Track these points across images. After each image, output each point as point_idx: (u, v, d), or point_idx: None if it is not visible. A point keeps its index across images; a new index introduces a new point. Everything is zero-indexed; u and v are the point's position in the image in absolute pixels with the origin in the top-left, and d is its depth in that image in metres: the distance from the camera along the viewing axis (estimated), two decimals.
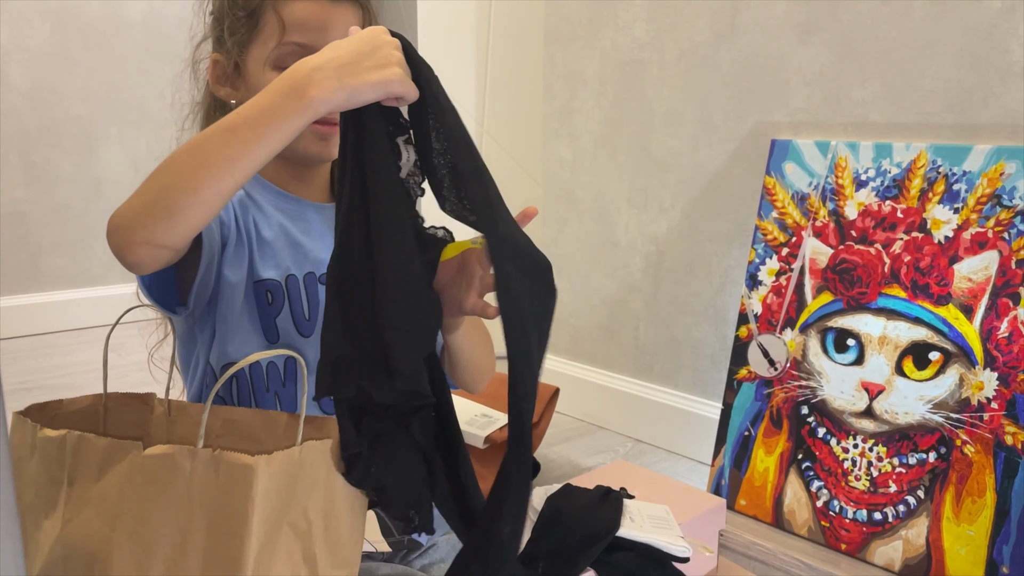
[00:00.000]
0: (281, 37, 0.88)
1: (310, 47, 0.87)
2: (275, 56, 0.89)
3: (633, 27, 1.70)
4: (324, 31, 0.88)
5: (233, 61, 0.91)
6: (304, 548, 0.69)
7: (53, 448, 0.69)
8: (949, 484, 1.18)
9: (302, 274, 0.93)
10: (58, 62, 2.48)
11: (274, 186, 0.94)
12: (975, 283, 1.19)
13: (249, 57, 0.91)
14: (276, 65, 0.89)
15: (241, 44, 0.90)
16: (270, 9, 0.89)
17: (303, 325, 0.93)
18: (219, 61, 0.93)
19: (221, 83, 0.94)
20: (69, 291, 2.57)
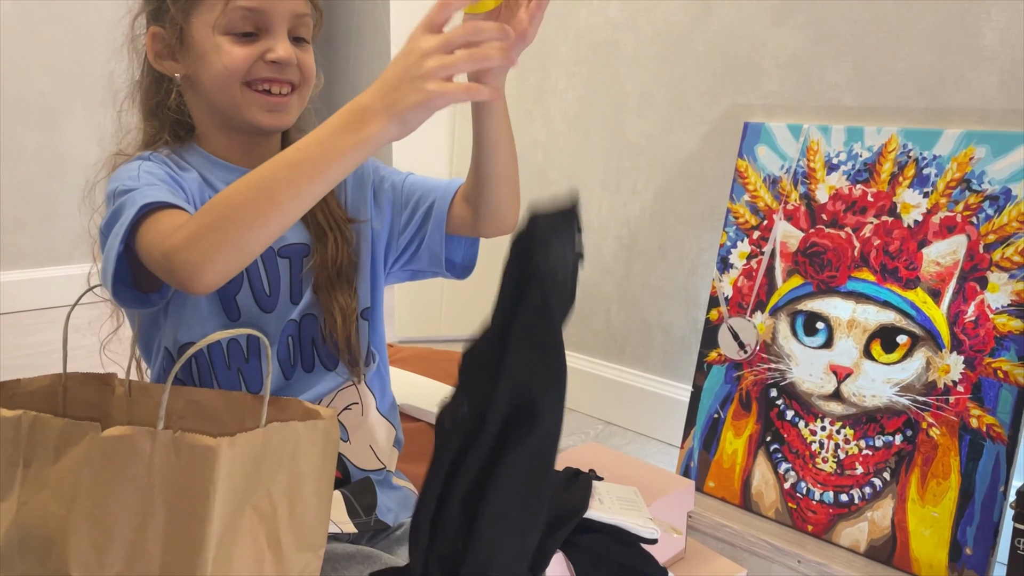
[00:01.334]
0: (228, 2, 0.85)
1: (258, 10, 0.86)
2: (225, 22, 0.85)
3: (607, 7, 1.69)
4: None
5: (177, 31, 0.87)
6: (268, 531, 0.68)
7: (8, 429, 0.67)
8: (915, 466, 1.19)
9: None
10: (20, 34, 2.41)
11: (225, 162, 0.92)
12: (943, 267, 1.20)
13: (193, 25, 0.87)
14: (227, 31, 0.86)
15: (185, 11, 0.87)
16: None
17: (264, 301, 0.92)
18: (159, 33, 0.89)
19: (163, 57, 0.90)
20: (32, 270, 2.52)
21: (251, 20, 0.86)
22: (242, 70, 0.86)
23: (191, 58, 0.88)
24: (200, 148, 0.93)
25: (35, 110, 2.48)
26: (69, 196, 2.57)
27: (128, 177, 0.84)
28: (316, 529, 0.73)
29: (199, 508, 0.63)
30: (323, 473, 0.73)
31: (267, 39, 0.87)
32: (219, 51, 0.86)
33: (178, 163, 0.90)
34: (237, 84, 0.87)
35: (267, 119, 0.89)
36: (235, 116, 0.89)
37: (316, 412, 0.75)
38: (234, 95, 0.87)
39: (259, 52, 0.87)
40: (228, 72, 0.86)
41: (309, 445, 0.70)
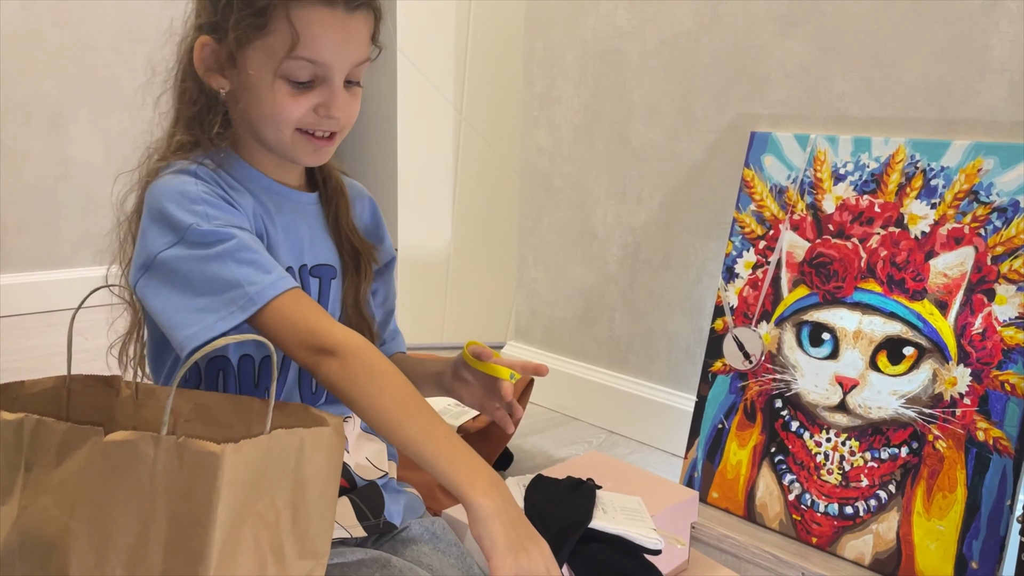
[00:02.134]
0: (291, 50, 0.82)
1: (321, 63, 0.84)
2: (284, 69, 0.83)
3: (614, 16, 1.69)
4: (338, 47, 0.84)
5: (231, 50, 0.85)
6: (271, 538, 0.68)
7: (10, 432, 0.67)
8: (920, 479, 1.19)
9: (297, 267, 0.92)
10: (27, 38, 2.42)
11: (267, 177, 0.91)
12: (950, 279, 1.20)
13: (250, 56, 0.84)
14: (286, 77, 0.84)
15: (245, 40, 0.84)
16: (282, 14, 0.82)
17: None
18: (210, 46, 0.87)
19: (211, 70, 0.88)
20: (35, 273, 2.52)
21: (312, 70, 0.84)
22: (295, 118, 0.85)
23: (240, 82, 0.86)
24: (240, 158, 0.91)
25: (41, 113, 2.48)
26: (73, 199, 2.57)
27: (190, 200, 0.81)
28: (320, 537, 0.72)
29: (202, 515, 0.62)
30: (327, 480, 0.73)
31: (323, 88, 0.86)
32: (273, 94, 0.84)
33: (227, 182, 0.88)
34: (288, 129, 0.86)
35: (310, 159, 0.89)
36: (277, 150, 0.89)
37: (322, 419, 0.75)
38: (282, 136, 0.87)
39: (314, 103, 0.86)
40: (281, 118, 0.85)
41: (314, 452, 0.70)
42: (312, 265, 0.94)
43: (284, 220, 0.92)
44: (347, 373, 0.79)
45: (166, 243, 0.81)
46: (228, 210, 0.83)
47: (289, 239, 0.91)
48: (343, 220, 0.97)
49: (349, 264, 0.97)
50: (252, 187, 0.90)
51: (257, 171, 0.91)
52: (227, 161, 0.90)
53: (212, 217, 0.81)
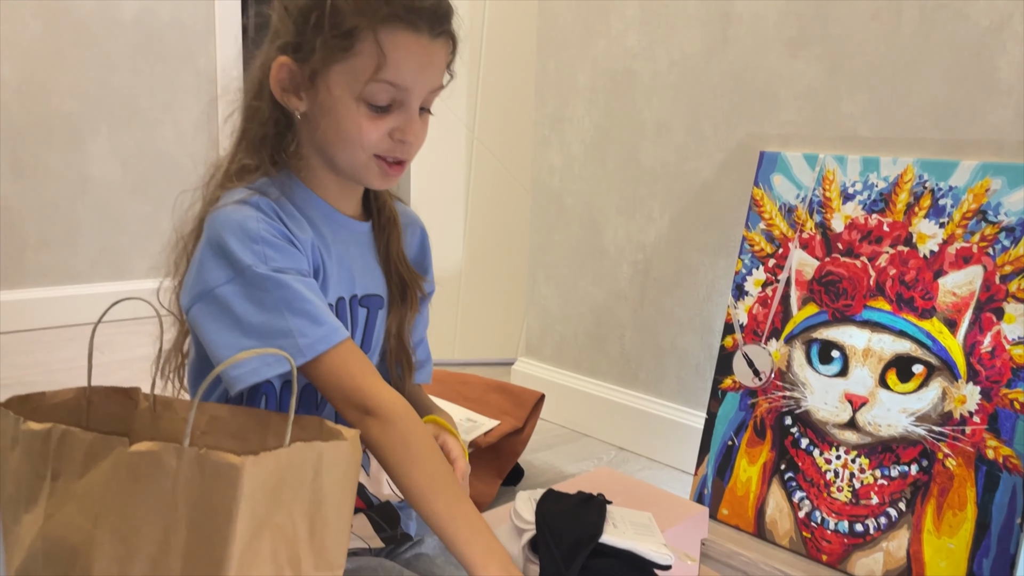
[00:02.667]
0: (376, 73, 0.83)
1: (403, 87, 0.85)
2: (366, 92, 0.84)
3: (625, 37, 1.71)
4: (420, 72, 0.85)
5: (311, 72, 0.86)
6: (289, 550, 0.69)
7: (37, 442, 0.68)
8: (931, 497, 1.19)
9: (349, 296, 0.94)
10: (49, 58, 2.46)
11: (326, 204, 0.93)
12: (959, 297, 1.20)
13: (331, 78, 0.85)
14: (366, 100, 0.85)
15: (328, 60, 0.85)
16: (370, 37, 0.83)
17: None
18: (288, 66, 0.87)
19: (288, 90, 0.88)
20: (54, 288, 2.55)
21: (392, 94, 0.86)
22: (372, 142, 0.87)
23: (317, 104, 0.87)
24: (301, 183, 0.92)
25: (61, 131, 2.52)
26: (92, 216, 2.60)
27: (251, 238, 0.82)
28: (336, 549, 0.73)
29: (221, 526, 0.64)
30: (344, 493, 0.74)
31: (400, 113, 0.87)
32: (352, 117, 0.85)
33: (288, 211, 0.88)
34: (364, 153, 0.87)
35: (378, 183, 0.91)
36: (348, 173, 0.90)
37: (339, 432, 0.76)
38: (357, 159, 0.88)
39: (390, 127, 0.87)
40: (358, 142, 0.86)
41: (332, 465, 0.71)
42: (362, 295, 0.95)
43: (339, 249, 0.93)
44: (386, 439, 0.82)
45: (223, 278, 0.81)
46: (287, 251, 0.84)
47: (342, 269, 0.93)
48: (394, 249, 0.99)
49: (396, 294, 0.99)
50: (311, 215, 0.91)
51: (318, 197, 0.92)
52: (288, 186, 0.90)
53: (271, 259, 0.82)
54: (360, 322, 0.95)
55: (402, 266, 1.00)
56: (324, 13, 0.83)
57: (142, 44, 2.62)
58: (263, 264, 0.81)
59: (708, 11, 1.56)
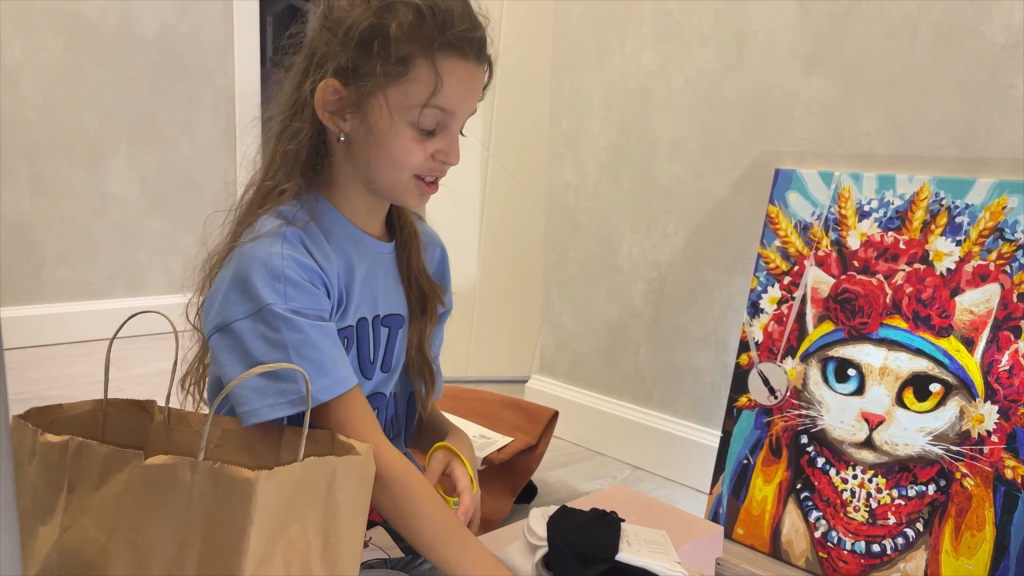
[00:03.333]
0: (430, 98, 0.86)
1: (451, 112, 0.88)
2: (417, 116, 0.87)
3: (640, 55, 1.72)
4: (466, 98, 0.88)
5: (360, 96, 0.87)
6: (302, 564, 0.69)
7: (54, 454, 0.69)
8: (948, 517, 1.18)
9: (371, 316, 0.95)
10: (70, 76, 2.50)
11: (353, 226, 0.94)
12: (976, 316, 1.19)
13: (379, 101, 0.87)
14: (414, 124, 0.87)
15: (382, 85, 0.86)
16: (425, 64, 0.85)
17: (367, 367, 0.95)
18: (337, 89, 0.88)
19: (334, 113, 0.89)
20: (71, 303, 2.57)
21: (439, 118, 0.88)
22: (415, 164, 0.89)
23: (363, 126, 0.88)
24: (330, 204, 0.93)
25: (81, 149, 2.55)
26: (110, 232, 2.63)
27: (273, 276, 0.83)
28: (349, 563, 0.73)
29: (235, 540, 0.64)
30: (357, 508, 0.74)
31: (443, 136, 0.89)
32: (401, 140, 0.87)
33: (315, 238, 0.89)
34: (407, 174, 0.89)
35: (416, 203, 0.93)
36: (386, 192, 0.92)
37: (352, 447, 0.76)
38: (399, 181, 0.90)
39: (434, 149, 0.89)
40: (403, 164, 0.88)
41: (345, 479, 0.72)
42: (384, 315, 0.97)
43: (363, 271, 0.94)
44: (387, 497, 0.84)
45: (242, 313, 0.83)
46: (309, 292, 0.85)
47: (367, 290, 0.94)
48: (414, 262, 1.01)
49: (416, 308, 1.01)
50: (339, 237, 0.92)
51: (346, 220, 0.94)
52: (318, 209, 0.92)
53: (290, 298, 0.83)
54: (382, 341, 0.96)
55: (422, 278, 1.01)
56: (382, 40, 0.85)
57: (162, 62, 2.66)
58: (282, 302, 0.82)
59: (723, 29, 1.57)
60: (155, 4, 2.61)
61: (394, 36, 0.85)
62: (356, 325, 0.93)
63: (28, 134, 2.44)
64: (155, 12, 2.62)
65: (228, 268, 0.87)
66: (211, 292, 0.88)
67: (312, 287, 0.85)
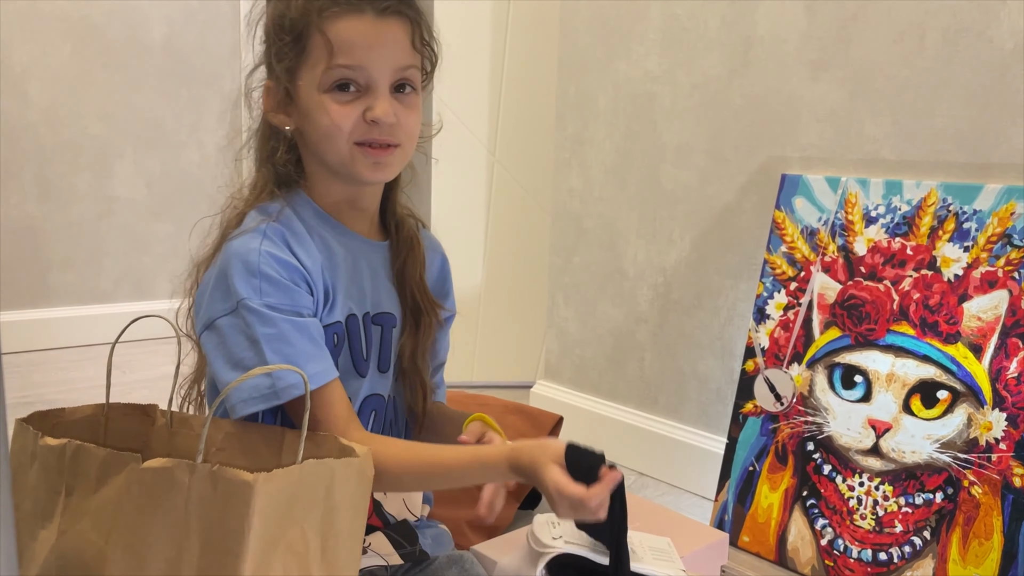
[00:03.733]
0: (330, 61, 0.87)
1: (358, 67, 0.87)
2: (322, 79, 0.87)
3: (646, 60, 1.72)
4: (371, 49, 0.87)
5: (283, 87, 0.90)
6: (300, 568, 0.68)
7: (53, 457, 0.69)
8: (956, 525, 1.16)
9: (361, 314, 0.94)
10: (78, 81, 2.51)
11: (336, 221, 0.94)
12: (984, 322, 1.18)
13: (300, 85, 0.89)
14: (324, 88, 0.88)
15: (290, 70, 0.89)
16: (316, 32, 0.87)
17: (361, 365, 0.94)
18: (271, 88, 0.92)
19: (275, 110, 0.92)
20: (77, 307, 2.58)
21: (350, 75, 0.88)
22: (346, 128, 0.88)
23: (299, 114, 0.90)
24: (310, 199, 0.94)
25: (88, 153, 2.56)
26: (116, 236, 2.63)
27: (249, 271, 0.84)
28: (348, 566, 0.73)
29: (233, 543, 0.64)
30: (356, 511, 0.74)
31: (368, 96, 0.88)
32: (323, 110, 0.88)
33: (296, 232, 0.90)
34: (344, 142, 0.89)
35: (369, 172, 0.91)
36: (341, 170, 0.91)
37: (351, 449, 0.76)
38: (341, 151, 0.89)
39: (361, 110, 0.88)
40: (334, 131, 0.88)
41: (344, 482, 0.71)
42: (375, 313, 0.96)
43: (349, 266, 0.94)
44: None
45: (223, 310, 0.84)
46: (286, 288, 0.85)
47: (354, 286, 0.94)
48: (410, 272, 1.00)
49: (410, 318, 1.00)
50: (321, 231, 0.92)
51: (327, 215, 0.94)
52: (298, 203, 0.93)
53: (266, 294, 0.83)
54: (375, 340, 0.95)
55: (419, 291, 1.00)
56: (282, 28, 0.89)
57: (169, 68, 2.67)
58: (257, 298, 0.83)
59: (729, 34, 1.56)
60: (163, 9, 2.62)
61: (290, 20, 0.88)
62: (346, 322, 0.92)
63: (35, 138, 2.45)
64: (163, 17, 2.63)
65: (214, 267, 0.88)
66: (198, 292, 0.89)
67: (290, 284, 0.85)
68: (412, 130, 0.92)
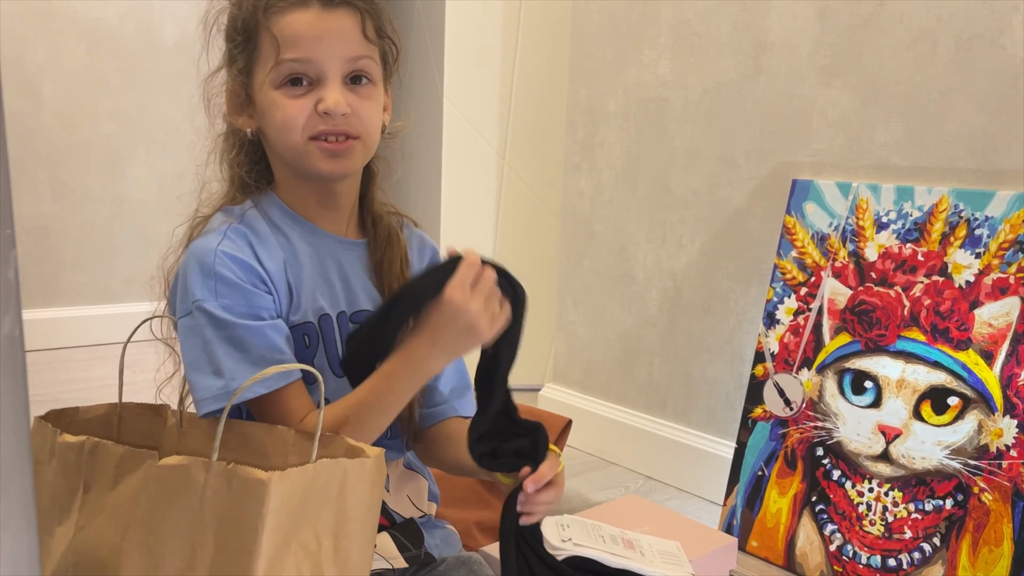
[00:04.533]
0: (278, 56, 0.86)
1: (307, 60, 0.86)
2: (273, 76, 0.87)
3: (657, 65, 1.72)
4: (319, 41, 0.86)
5: (242, 89, 0.90)
6: (313, 568, 0.69)
7: (71, 454, 0.69)
8: (966, 532, 1.16)
9: (335, 313, 0.93)
10: (91, 82, 2.52)
11: (304, 219, 0.93)
12: (996, 329, 1.18)
13: (254, 82, 0.89)
14: (276, 84, 0.87)
15: (244, 71, 0.89)
16: (263, 29, 0.87)
17: (336, 365, 0.93)
18: (232, 91, 0.92)
19: (237, 112, 0.92)
20: (88, 307, 2.59)
21: (299, 68, 0.87)
22: (299, 123, 0.87)
23: (258, 113, 0.90)
24: (279, 199, 0.93)
25: (100, 153, 2.57)
26: (127, 237, 2.65)
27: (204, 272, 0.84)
28: (359, 567, 0.73)
29: (247, 541, 0.64)
30: (369, 511, 0.74)
31: (320, 88, 0.87)
32: (276, 106, 0.87)
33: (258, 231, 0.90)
34: (298, 136, 0.87)
35: (327, 166, 0.88)
36: (299, 166, 0.90)
37: (362, 450, 0.76)
38: (297, 147, 0.88)
39: (313, 102, 0.87)
40: (287, 126, 0.87)
41: (357, 483, 0.71)
42: (351, 312, 0.94)
43: (319, 265, 0.92)
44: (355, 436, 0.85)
45: (183, 311, 0.86)
46: (241, 289, 0.84)
47: (324, 285, 0.92)
48: (387, 268, 0.97)
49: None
50: (288, 232, 0.91)
51: (295, 214, 0.92)
52: (267, 203, 0.93)
53: (221, 295, 0.83)
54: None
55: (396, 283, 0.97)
56: (232, 28, 0.90)
57: (181, 69, 2.68)
58: (212, 299, 0.83)
59: (741, 39, 1.57)
60: (175, 12, 2.64)
61: (241, 20, 0.89)
62: (318, 322, 0.91)
63: (48, 138, 2.47)
64: (175, 19, 2.64)
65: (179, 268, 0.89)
66: (169, 294, 0.90)
67: (247, 285, 0.85)
68: (371, 122, 0.90)
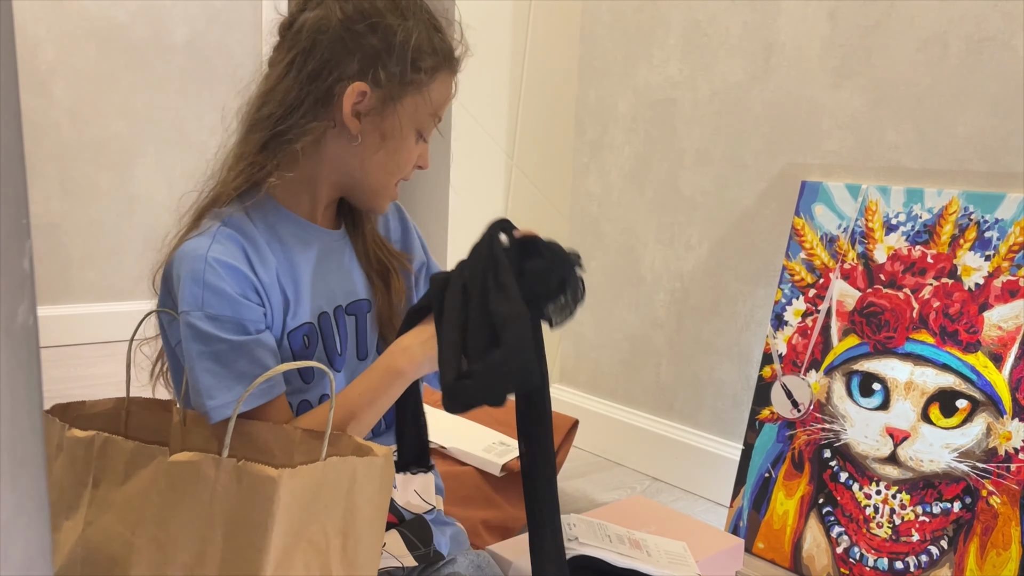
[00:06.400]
0: (438, 109, 0.93)
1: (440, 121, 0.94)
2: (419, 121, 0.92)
3: (667, 66, 1.72)
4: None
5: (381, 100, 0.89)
6: (321, 565, 0.69)
7: (80, 449, 0.69)
8: (974, 535, 1.16)
9: (332, 308, 0.93)
10: (102, 80, 2.53)
11: (295, 215, 0.92)
12: (1005, 331, 1.18)
13: (399, 108, 0.90)
14: (421, 132, 0.92)
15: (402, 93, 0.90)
16: (439, 77, 0.92)
17: (336, 360, 0.94)
18: (367, 94, 0.88)
19: (356, 115, 0.89)
20: (97, 304, 2.60)
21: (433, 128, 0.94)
22: (408, 169, 0.94)
23: (376, 130, 0.90)
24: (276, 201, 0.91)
25: (110, 152, 2.58)
26: (136, 235, 2.66)
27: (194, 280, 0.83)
28: (367, 564, 0.73)
29: (257, 538, 0.64)
30: (377, 509, 0.74)
31: (422, 144, 0.94)
32: (408, 145, 0.92)
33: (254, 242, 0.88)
34: (395, 178, 0.93)
35: (386, 206, 0.97)
36: (364, 197, 0.94)
37: (370, 448, 0.76)
38: (387, 184, 0.93)
39: (417, 155, 0.94)
40: (400, 166, 0.92)
41: (365, 481, 0.71)
42: (347, 304, 0.95)
43: (314, 266, 0.92)
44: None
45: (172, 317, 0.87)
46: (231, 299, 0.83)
47: (321, 283, 0.92)
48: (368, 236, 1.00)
49: (379, 284, 0.98)
50: (283, 234, 0.90)
51: (292, 213, 0.92)
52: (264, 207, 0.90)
53: (208, 304, 0.82)
54: (349, 331, 0.95)
55: (380, 250, 0.99)
56: (414, 50, 0.89)
57: (191, 68, 2.69)
58: (198, 310, 0.82)
59: (751, 41, 1.56)
60: (186, 10, 2.64)
61: (420, 47, 0.89)
62: (317, 321, 0.91)
63: (59, 136, 2.48)
64: (185, 18, 2.65)
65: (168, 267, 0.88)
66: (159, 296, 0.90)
67: (237, 297, 0.84)
68: None
